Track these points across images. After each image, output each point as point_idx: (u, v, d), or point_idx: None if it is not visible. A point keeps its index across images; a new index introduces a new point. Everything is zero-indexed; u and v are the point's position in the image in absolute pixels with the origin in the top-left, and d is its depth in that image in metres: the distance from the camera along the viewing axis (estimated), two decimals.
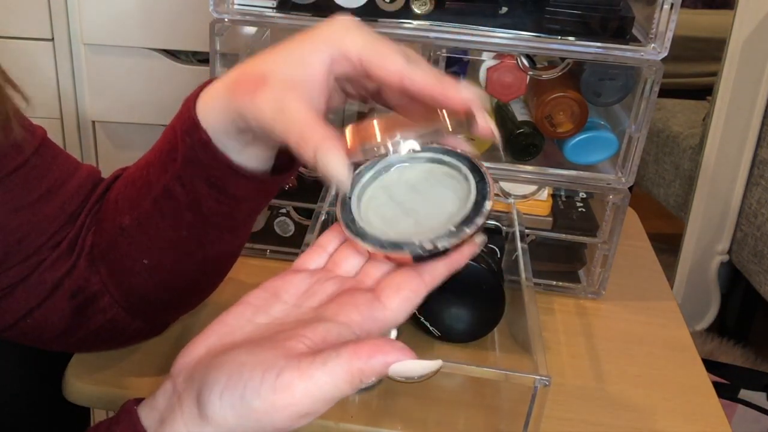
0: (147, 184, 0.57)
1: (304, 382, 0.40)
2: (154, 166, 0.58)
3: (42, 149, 0.60)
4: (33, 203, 0.58)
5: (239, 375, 0.40)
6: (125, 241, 0.59)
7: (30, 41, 1.24)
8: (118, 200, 0.60)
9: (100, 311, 0.61)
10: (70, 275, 0.60)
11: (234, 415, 0.40)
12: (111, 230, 0.59)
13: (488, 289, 0.73)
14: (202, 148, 0.53)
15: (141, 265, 0.59)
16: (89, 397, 0.68)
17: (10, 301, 0.59)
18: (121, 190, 0.60)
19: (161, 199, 0.56)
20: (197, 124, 0.53)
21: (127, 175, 0.62)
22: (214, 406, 0.40)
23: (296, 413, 0.40)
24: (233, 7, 0.77)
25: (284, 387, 0.39)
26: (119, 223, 0.59)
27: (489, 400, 0.71)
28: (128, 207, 0.59)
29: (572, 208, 0.89)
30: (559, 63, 0.80)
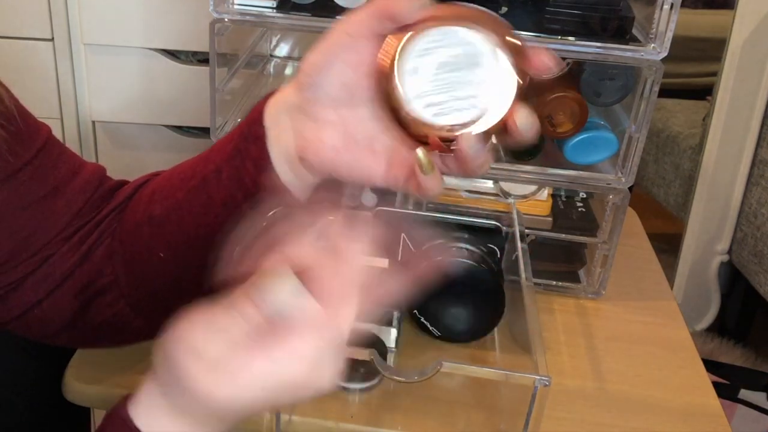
0: (188, 177, 0.57)
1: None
2: (202, 159, 0.58)
3: (47, 147, 0.60)
4: (39, 201, 0.59)
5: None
6: (148, 231, 0.58)
7: (30, 41, 1.24)
8: (154, 192, 0.60)
9: (106, 305, 0.61)
10: (82, 267, 0.60)
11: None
12: (139, 219, 0.59)
13: (488, 289, 0.73)
14: (254, 141, 0.52)
15: (157, 257, 0.59)
16: (89, 397, 0.68)
17: (19, 293, 0.60)
18: (160, 183, 0.61)
19: (195, 189, 0.56)
20: (260, 119, 0.52)
21: (170, 171, 0.62)
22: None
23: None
24: (233, 7, 0.77)
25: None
26: (150, 212, 0.59)
27: (489, 400, 0.71)
28: (163, 197, 0.59)
29: (572, 208, 0.89)
30: None
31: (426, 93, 0.47)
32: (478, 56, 0.46)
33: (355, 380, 0.69)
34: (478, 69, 0.46)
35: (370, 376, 0.70)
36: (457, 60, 0.46)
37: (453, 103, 0.46)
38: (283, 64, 1.12)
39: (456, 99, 0.46)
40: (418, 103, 0.46)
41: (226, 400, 0.42)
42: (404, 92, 0.47)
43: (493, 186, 0.86)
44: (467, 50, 0.46)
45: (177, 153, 1.34)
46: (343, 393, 0.69)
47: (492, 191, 0.86)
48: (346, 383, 0.69)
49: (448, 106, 0.46)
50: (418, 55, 0.47)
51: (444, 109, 0.46)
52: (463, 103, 0.46)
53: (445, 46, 0.46)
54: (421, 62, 0.47)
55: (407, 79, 0.47)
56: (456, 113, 0.46)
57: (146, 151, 1.35)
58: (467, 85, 0.46)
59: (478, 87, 0.46)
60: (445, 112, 0.46)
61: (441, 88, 0.46)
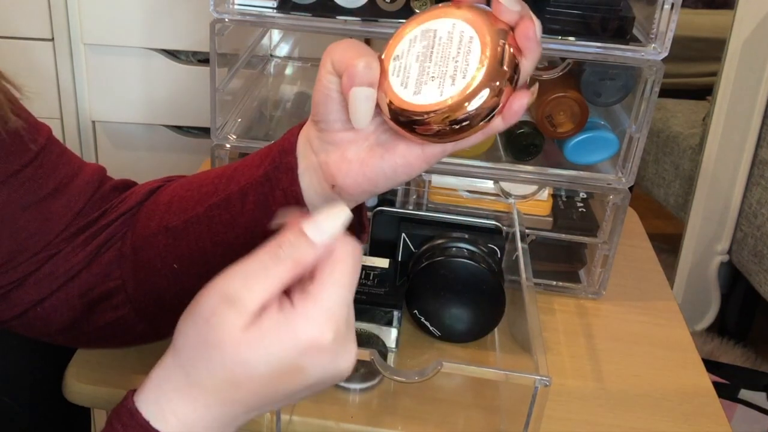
0: (210, 192, 0.57)
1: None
2: (225, 176, 0.57)
3: (48, 147, 0.60)
4: (40, 201, 0.59)
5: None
6: (164, 241, 0.58)
7: (30, 41, 1.24)
8: (172, 201, 0.60)
9: (111, 308, 0.61)
10: (89, 268, 0.60)
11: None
12: (154, 228, 0.59)
13: (488, 289, 0.73)
14: (286, 171, 0.53)
15: (170, 268, 0.59)
16: (89, 397, 0.68)
17: (21, 292, 0.60)
18: (178, 192, 0.60)
19: (217, 207, 0.56)
20: (293, 150, 0.53)
21: (188, 181, 0.61)
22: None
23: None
24: (233, 7, 0.77)
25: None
26: (166, 222, 0.58)
27: (489, 400, 0.71)
28: (181, 209, 0.58)
29: (572, 208, 0.89)
30: (559, 63, 0.80)
31: (409, 80, 0.48)
32: (458, 42, 0.47)
33: (355, 380, 0.69)
34: (459, 53, 0.47)
35: (370, 376, 0.70)
36: (437, 47, 0.48)
37: (435, 82, 0.47)
38: (283, 64, 1.12)
39: (438, 77, 0.47)
40: (405, 92, 0.48)
41: (255, 356, 0.40)
42: (391, 84, 0.48)
43: (493, 186, 0.86)
44: (446, 37, 0.48)
45: (177, 153, 1.34)
46: (343, 393, 0.69)
47: (492, 191, 0.86)
48: (346, 383, 0.69)
49: (430, 85, 0.47)
50: (399, 53, 0.49)
51: (425, 87, 0.47)
52: (447, 81, 0.47)
53: (425, 39, 0.48)
54: (403, 59, 0.48)
55: (392, 77, 0.48)
56: (439, 89, 0.47)
57: (146, 151, 1.35)
58: (449, 66, 0.47)
59: (459, 67, 0.47)
60: (426, 91, 0.47)
61: (424, 73, 0.48)
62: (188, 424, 0.43)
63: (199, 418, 0.43)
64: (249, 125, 0.90)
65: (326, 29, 0.77)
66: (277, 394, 0.43)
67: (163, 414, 0.43)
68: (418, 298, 0.75)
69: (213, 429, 0.44)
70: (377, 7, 0.75)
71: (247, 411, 0.44)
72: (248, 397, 0.43)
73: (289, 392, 0.43)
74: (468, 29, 0.47)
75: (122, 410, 0.44)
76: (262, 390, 0.42)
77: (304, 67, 1.13)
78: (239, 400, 0.43)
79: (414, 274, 0.75)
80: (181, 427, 0.43)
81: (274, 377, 0.42)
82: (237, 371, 0.41)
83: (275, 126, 0.95)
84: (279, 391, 0.42)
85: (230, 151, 0.82)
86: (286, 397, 0.43)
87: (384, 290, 0.74)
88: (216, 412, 0.43)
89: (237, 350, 0.41)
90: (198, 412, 0.43)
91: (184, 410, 0.43)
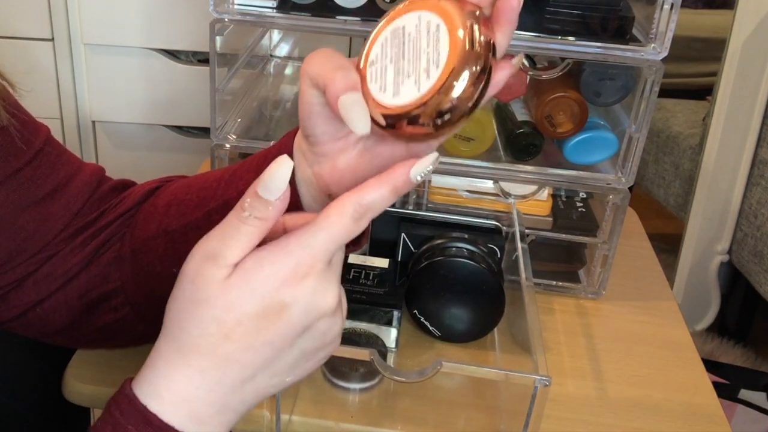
0: (208, 197, 0.57)
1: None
2: (224, 180, 0.57)
3: (47, 148, 0.60)
4: (39, 202, 0.59)
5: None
6: (163, 245, 0.58)
7: (30, 41, 1.24)
8: (171, 204, 0.60)
9: (110, 309, 0.61)
10: (88, 270, 0.60)
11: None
12: (153, 231, 0.59)
13: (488, 289, 0.73)
14: None
15: (170, 272, 0.59)
16: (89, 397, 0.68)
17: (19, 293, 0.60)
18: (176, 195, 0.60)
19: (216, 212, 0.56)
20: (290, 155, 0.53)
21: (187, 183, 0.61)
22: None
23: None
24: (233, 7, 0.77)
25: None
26: (165, 226, 0.59)
27: (489, 400, 0.71)
28: (179, 212, 0.58)
29: (572, 208, 0.89)
30: (559, 63, 0.80)
31: (387, 83, 0.47)
32: (426, 33, 0.46)
33: (355, 380, 0.69)
34: (429, 44, 0.46)
35: (370, 376, 0.70)
36: (407, 44, 0.47)
37: (409, 79, 0.46)
38: (283, 64, 1.12)
39: (413, 74, 0.46)
40: (384, 96, 0.47)
41: (240, 295, 0.42)
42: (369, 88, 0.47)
43: (493, 186, 0.86)
44: (414, 32, 0.46)
45: (177, 153, 1.34)
46: (343, 393, 0.69)
47: (492, 191, 0.86)
48: (346, 383, 0.69)
49: (407, 84, 0.46)
50: (374, 58, 0.48)
51: (402, 87, 0.46)
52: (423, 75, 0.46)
53: (395, 38, 0.47)
54: (378, 63, 0.48)
55: (371, 84, 0.47)
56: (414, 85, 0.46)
57: (146, 151, 1.35)
58: (422, 60, 0.46)
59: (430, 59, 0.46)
60: (403, 91, 0.46)
61: (400, 72, 0.46)
62: (184, 396, 0.43)
63: (194, 387, 0.43)
64: (249, 125, 0.90)
65: (326, 29, 0.77)
66: (266, 344, 0.43)
67: (158, 392, 0.43)
68: (418, 298, 0.75)
69: (212, 402, 0.43)
70: (377, 7, 0.76)
71: (241, 374, 0.43)
72: (239, 351, 0.43)
73: (276, 342, 0.43)
74: (434, 18, 0.45)
75: (119, 397, 0.44)
76: (250, 338, 0.42)
77: None
78: (232, 355, 0.43)
79: (414, 274, 0.75)
80: (177, 401, 0.43)
81: (260, 317, 0.42)
82: (226, 318, 0.42)
83: (275, 126, 0.95)
84: (267, 340, 0.43)
85: (230, 151, 0.82)
86: (275, 351, 0.43)
87: (384, 290, 0.74)
88: (211, 378, 0.43)
89: (223, 295, 0.42)
90: (193, 380, 0.43)
91: (178, 383, 0.43)
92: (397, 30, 0.47)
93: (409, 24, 0.47)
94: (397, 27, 0.47)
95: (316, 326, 0.44)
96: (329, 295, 0.43)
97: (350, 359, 0.68)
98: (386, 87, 0.47)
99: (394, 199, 0.44)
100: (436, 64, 0.45)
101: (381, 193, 0.43)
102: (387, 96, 0.46)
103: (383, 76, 0.47)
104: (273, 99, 1.05)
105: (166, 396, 0.43)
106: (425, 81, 0.45)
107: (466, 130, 0.82)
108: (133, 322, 0.62)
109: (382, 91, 0.47)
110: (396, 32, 0.47)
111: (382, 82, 0.47)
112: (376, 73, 0.47)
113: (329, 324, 0.44)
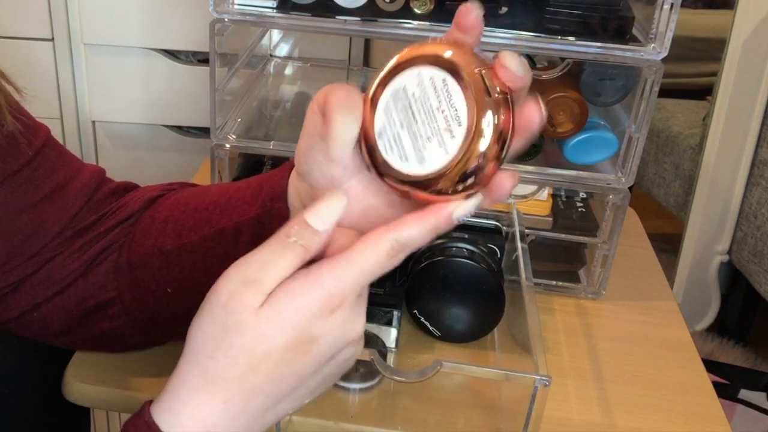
0: (203, 220, 0.57)
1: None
2: (220, 206, 0.57)
3: (46, 149, 0.59)
4: (36, 204, 0.58)
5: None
6: (158, 264, 0.58)
7: (30, 41, 1.24)
8: (167, 222, 0.59)
9: (107, 318, 0.61)
10: (85, 277, 0.60)
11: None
12: (149, 248, 0.59)
13: (488, 289, 0.73)
14: (278, 219, 0.52)
15: (164, 291, 0.58)
16: (89, 397, 0.68)
17: (17, 295, 0.60)
18: (173, 213, 0.60)
19: (211, 239, 0.56)
20: (284, 195, 0.53)
21: (185, 200, 0.60)
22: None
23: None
24: (233, 7, 0.77)
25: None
26: (160, 245, 0.58)
27: (489, 400, 0.71)
28: (175, 233, 0.58)
29: (572, 208, 0.89)
30: (559, 63, 0.80)
31: (407, 151, 0.44)
32: (433, 90, 0.43)
33: (355, 380, 0.69)
34: (440, 101, 0.43)
35: (370, 376, 0.70)
36: (415, 105, 0.44)
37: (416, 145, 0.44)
38: (283, 64, 1.12)
39: (434, 136, 0.43)
40: (408, 166, 0.44)
41: (273, 327, 0.41)
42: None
43: None
44: (419, 92, 0.44)
45: (177, 153, 1.34)
46: (343, 393, 0.69)
47: None
48: (346, 383, 0.69)
49: (430, 148, 0.43)
50: (381, 128, 0.45)
51: (426, 152, 0.43)
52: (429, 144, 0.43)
53: (398, 102, 0.44)
54: (388, 132, 0.45)
55: (387, 156, 0.45)
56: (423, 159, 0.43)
57: (146, 151, 1.35)
58: (439, 120, 0.43)
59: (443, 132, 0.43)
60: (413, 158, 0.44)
61: (417, 137, 0.44)
62: (207, 427, 0.42)
63: (217, 417, 0.42)
64: (249, 125, 0.90)
65: (326, 29, 0.77)
66: (292, 375, 0.42)
67: (180, 421, 0.42)
68: (418, 298, 0.75)
69: (235, 429, 0.43)
70: (377, 7, 0.76)
71: (265, 403, 0.43)
72: (265, 382, 0.42)
73: (302, 372, 0.42)
74: (436, 73, 0.43)
75: (138, 421, 0.43)
76: (277, 369, 0.42)
77: (303, 67, 1.13)
78: (258, 387, 0.42)
79: (414, 274, 0.75)
80: (200, 430, 0.42)
81: (289, 349, 0.41)
82: (256, 349, 0.41)
83: (275, 126, 0.95)
84: (294, 371, 0.42)
85: (230, 151, 0.82)
86: (300, 381, 0.43)
87: (384, 290, 0.74)
88: (236, 408, 0.42)
89: (257, 325, 0.41)
90: (216, 410, 0.42)
91: (201, 412, 0.42)
92: (398, 92, 0.44)
93: (410, 84, 0.44)
94: (396, 89, 0.44)
95: (341, 354, 0.44)
96: (357, 327, 0.44)
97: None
98: (407, 156, 0.44)
99: (431, 238, 0.44)
100: (457, 121, 0.42)
101: (420, 231, 0.43)
102: (411, 165, 0.44)
103: (399, 145, 0.44)
104: (273, 99, 1.05)
105: (188, 425, 0.42)
106: (450, 141, 0.42)
107: None
108: (129, 332, 0.62)
109: (404, 161, 0.44)
110: (397, 95, 0.44)
111: (400, 151, 0.44)
112: (390, 143, 0.44)
113: (354, 351, 0.45)
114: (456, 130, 0.42)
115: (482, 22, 0.43)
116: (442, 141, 0.43)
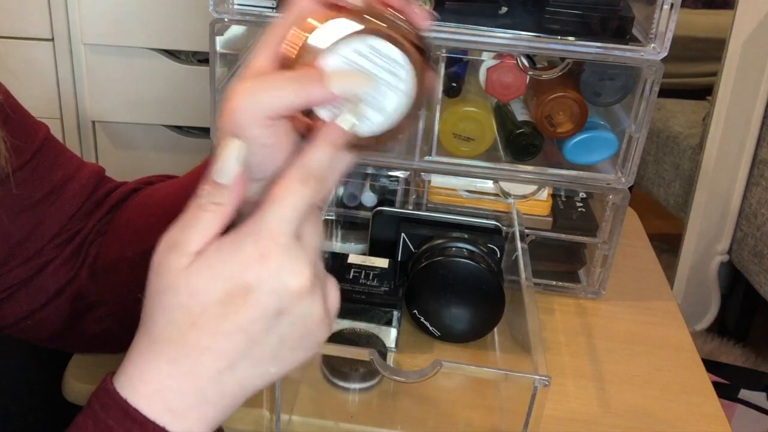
0: (160, 223, 0.56)
1: None
2: (175, 208, 0.57)
3: (45, 148, 0.59)
4: (35, 205, 0.58)
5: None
6: (125, 270, 0.59)
7: (30, 41, 1.24)
8: (128, 228, 0.59)
9: (95, 320, 0.61)
10: (72, 283, 0.60)
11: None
12: (116, 254, 0.59)
13: (488, 289, 0.73)
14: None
15: (135, 296, 0.58)
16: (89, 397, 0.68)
17: (12, 303, 0.59)
18: (133, 218, 0.60)
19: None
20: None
21: (145, 201, 0.60)
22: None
23: None
24: (233, 7, 0.77)
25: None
26: (123, 251, 0.59)
27: (489, 400, 0.71)
28: (136, 238, 0.58)
29: (572, 208, 0.89)
30: (559, 63, 0.80)
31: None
32: (392, 64, 0.44)
33: (354, 380, 0.69)
34: (389, 76, 0.44)
35: (370, 376, 0.70)
36: (372, 60, 0.44)
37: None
38: None
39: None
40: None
41: (203, 281, 0.40)
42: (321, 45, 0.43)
43: (493, 186, 0.86)
44: (382, 54, 0.44)
45: (177, 153, 1.34)
46: (342, 393, 0.69)
47: (492, 191, 0.86)
48: (346, 383, 0.69)
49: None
50: (334, 42, 0.43)
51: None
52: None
53: (357, 45, 0.44)
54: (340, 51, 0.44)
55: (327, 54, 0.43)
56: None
57: (146, 151, 1.35)
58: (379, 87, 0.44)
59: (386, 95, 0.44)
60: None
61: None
62: (157, 387, 0.41)
63: (165, 377, 0.41)
64: None
65: None
66: (238, 331, 0.41)
67: (133, 384, 0.42)
68: (418, 298, 0.75)
69: (186, 393, 0.41)
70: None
71: (216, 364, 0.41)
72: (208, 338, 0.41)
73: (250, 329, 0.41)
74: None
75: (99, 391, 0.43)
76: (218, 324, 0.41)
77: None
78: (201, 343, 0.41)
79: (414, 274, 0.75)
80: (150, 392, 0.41)
81: (225, 302, 0.40)
82: (191, 305, 0.41)
83: None
84: (238, 325, 0.41)
85: None
86: (250, 339, 0.41)
87: (384, 290, 0.74)
88: (183, 367, 0.41)
89: (186, 282, 0.41)
90: (163, 370, 0.41)
91: (150, 373, 0.42)
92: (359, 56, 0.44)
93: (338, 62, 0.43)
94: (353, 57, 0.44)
95: (291, 310, 0.41)
96: (300, 274, 0.41)
97: (350, 359, 0.68)
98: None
99: (335, 154, 0.42)
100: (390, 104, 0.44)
101: (320, 149, 0.42)
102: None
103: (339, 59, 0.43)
104: None
105: (140, 387, 0.42)
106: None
107: (466, 129, 0.82)
108: (118, 333, 0.62)
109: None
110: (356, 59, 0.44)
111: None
112: (332, 53, 0.43)
113: (307, 307, 0.41)
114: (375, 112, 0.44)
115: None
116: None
